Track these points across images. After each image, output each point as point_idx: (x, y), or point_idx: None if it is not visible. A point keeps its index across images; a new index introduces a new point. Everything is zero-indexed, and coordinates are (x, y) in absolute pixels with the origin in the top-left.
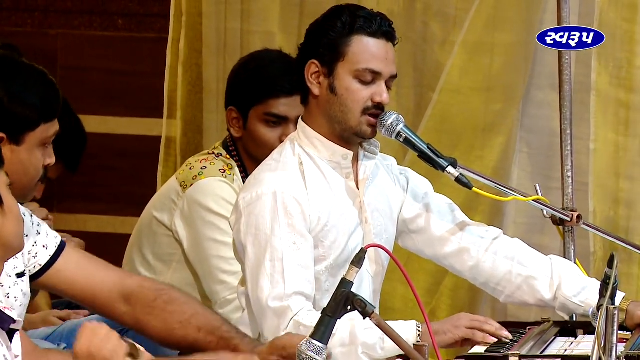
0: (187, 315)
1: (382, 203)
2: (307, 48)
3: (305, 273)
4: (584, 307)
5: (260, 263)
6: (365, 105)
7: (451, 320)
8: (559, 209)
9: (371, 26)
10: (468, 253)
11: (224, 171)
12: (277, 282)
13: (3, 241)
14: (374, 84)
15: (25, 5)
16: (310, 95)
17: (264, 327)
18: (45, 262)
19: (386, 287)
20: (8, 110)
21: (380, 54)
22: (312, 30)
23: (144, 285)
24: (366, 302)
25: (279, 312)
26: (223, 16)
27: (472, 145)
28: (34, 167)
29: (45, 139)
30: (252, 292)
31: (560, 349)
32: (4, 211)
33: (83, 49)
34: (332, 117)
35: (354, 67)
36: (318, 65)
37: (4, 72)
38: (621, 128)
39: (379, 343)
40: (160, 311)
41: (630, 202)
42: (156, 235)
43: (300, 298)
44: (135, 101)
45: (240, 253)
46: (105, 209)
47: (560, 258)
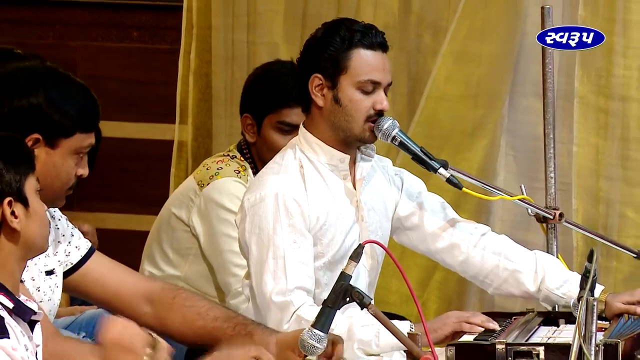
0: (204, 308)
1: (377, 202)
2: (309, 62)
3: (305, 269)
4: (566, 298)
5: (264, 260)
6: (368, 114)
7: (440, 318)
8: (543, 207)
9: (368, 39)
10: (458, 248)
11: (239, 172)
12: (279, 278)
13: (26, 240)
14: (374, 92)
15: (47, 19)
16: (314, 105)
17: (268, 320)
18: (76, 261)
19: (381, 281)
20: (45, 114)
21: (379, 65)
22: (311, 45)
23: (164, 287)
24: (363, 294)
25: (282, 306)
26: (230, 29)
27: (458, 147)
28: (65, 173)
29: (79, 149)
30: (257, 288)
31: (543, 337)
32: (29, 213)
33: (101, 60)
34: (336, 125)
35: (356, 79)
36: (321, 78)
37: (47, 80)
38: (601, 132)
39: (374, 340)
40: (180, 307)
41: (609, 201)
42: (174, 231)
43: (302, 293)
44: (149, 108)
45: (245, 250)
46: (122, 208)
47: (544, 253)
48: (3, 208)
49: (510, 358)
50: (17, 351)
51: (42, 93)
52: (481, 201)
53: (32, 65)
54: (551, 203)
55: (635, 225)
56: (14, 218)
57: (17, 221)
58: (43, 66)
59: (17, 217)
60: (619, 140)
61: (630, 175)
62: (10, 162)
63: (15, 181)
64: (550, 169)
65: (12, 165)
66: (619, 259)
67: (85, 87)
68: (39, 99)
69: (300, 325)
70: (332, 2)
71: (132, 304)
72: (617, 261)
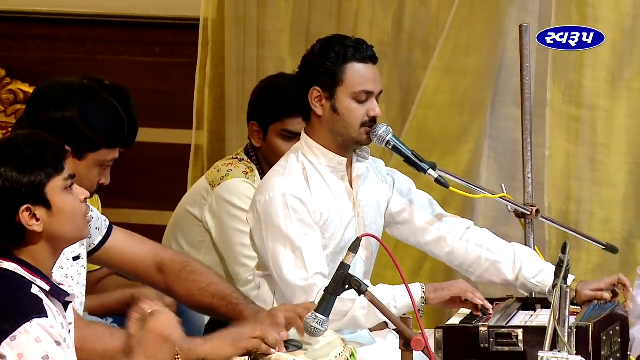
0: (205, 284)
1: (372, 200)
2: (307, 76)
3: (319, 256)
4: (541, 286)
5: (282, 254)
6: (363, 120)
7: (451, 282)
8: (521, 204)
9: (360, 54)
10: (445, 241)
11: (247, 173)
12: (300, 267)
13: (53, 237)
14: (368, 101)
15: (79, 36)
16: (313, 114)
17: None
18: (98, 242)
19: (376, 271)
20: (77, 129)
21: (370, 76)
22: (309, 61)
23: (174, 258)
24: (361, 282)
25: (307, 289)
26: (242, 45)
27: (445, 151)
28: (88, 181)
29: (103, 162)
30: (280, 279)
31: (521, 321)
32: (52, 213)
33: (126, 72)
34: (335, 132)
35: (351, 90)
36: (320, 91)
37: (82, 97)
38: (572, 138)
39: (392, 302)
40: (184, 280)
41: (578, 199)
42: (189, 226)
43: (321, 276)
44: (169, 115)
45: (258, 246)
46: (144, 205)
47: (522, 245)
48: (20, 216)
49: (492, 339)
50: (54, 328)
51: (76, 108)
52: (466, 199)
53: (71, 82)
54: (528, 200)
55: (602, 221)
56: (35, 221)
57: (37, 224)
58: (81, 84)
59: (38, 220)
60: (588, 145)
61: (598, 176)
62: (30, 168)
63: (34, 186)
64: (528, 170)
65: (32, 171)
66: (588, 252)
67: (116, 107)
68: (73, 113)
69: None
70: (333, 21)
71: (146, 271)
72: (587, 253)
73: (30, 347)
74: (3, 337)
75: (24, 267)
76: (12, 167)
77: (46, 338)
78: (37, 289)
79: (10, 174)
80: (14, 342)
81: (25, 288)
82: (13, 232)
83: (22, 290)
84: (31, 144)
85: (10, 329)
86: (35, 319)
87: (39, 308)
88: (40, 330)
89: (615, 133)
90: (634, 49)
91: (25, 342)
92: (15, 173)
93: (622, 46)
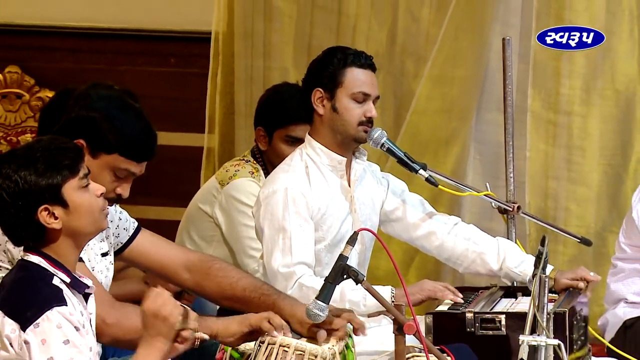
0: (235, 279)
1: (367, 198)
2: (311, 79)
3: (307, 248)
4: (522, 275)
5: (274, 240)
6: (360, 120)
7: (417, 284)
8: (504, 201)
9: (359, 60)
10: (434, 235)
11: (253, 173)
12: (286, 254)
13: (72, 233)
14: (365, 103)
15: (101, 48)
16: (316, 114)
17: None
18: (125, 241)
19: (372, 262)
20: (96, 125)
21: (368, 80)
22: (313, 66)
23: (202, 258)
24: (358, 272)
25: (287, 276)
26: (250, 56)
27: (435, 153)
28: (100, 182)
29: (115, 168)
30: (267, 263)
31: (504, 307)
32: (69, 211)
33: (144, 82)
34: (334, 129)
35: (350, 92)
36: (322, 91)
37: (115, 103)
38: (550, 141)
39: (361, 301)
40: (214, 277)
41: (556, 196)
42: (201, 221)
43: (303, 266)
44: (183, 120)
45: (259, 234)
46: (160, 202)
47: (504, 239)
48: (39, 215)
49: (477, 324)
50: (73, 316)
51: (104, 110)
52: (454, 196)
53: (113, 92)
54: (510, 198)
55: (577, 216)
56: (53, 220)
57: (56, 222)
58: (121, 96)
59: (57, 218)
60: (565, 147)
61: (573, 176)
62: (47, 171)
63: (51, 188)
64: (510, 170)
65: (48, 174)
66: (564, 244)
67: (147, 125)
68: (98, 112)
69: (302, 291)
70: (332, 35)
71: (174, 271)
72: (563, 246)
73: (52, 332)
74: (27, 325)
75: (48, 261)
76: (31, 171)
77: (66, 324)
78: (59, 281)
79: (29, 177)
80: (37, 328)
81: (47, 279)
82: (33, 230)
83: (44, 282)
84: (50, 149)
85: (34, 317)
86: (56, 307)
87: (59, 297)
88: (61, 318)
89: (590, 137)
90: (606, 60)
91: (47, 329)
92: (34, 176)
93: (596, 58)
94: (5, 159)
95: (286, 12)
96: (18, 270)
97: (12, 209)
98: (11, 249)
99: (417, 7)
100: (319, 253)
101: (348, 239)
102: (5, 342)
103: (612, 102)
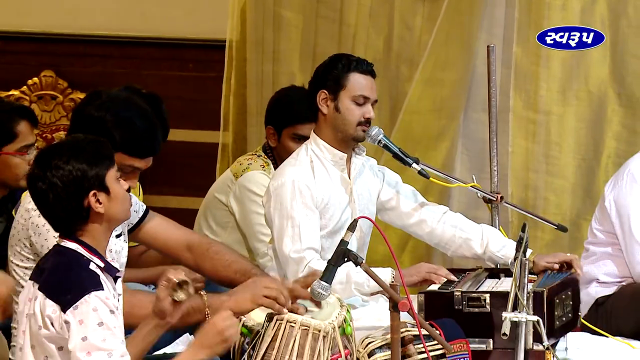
0: (229, 262)
1: (365, 190)
2: (317, 82)
3: (314, 235)
4: (504, 259)
5: (284, 228)
6: (359, 120)
7: (415, 267)
8: (488, 192)
9: (361, 66)
10: (425, 223)
11: (264, 166)
12: (296, 241)
13: (110, 218)
14: (364, 105)
15: (127, 54)
16: (320, 113)
17: (288, 272)
18: (136, 222)
19: (371, 246)
20: (105, 123)
21: (368, 85)
22: (320, 70)
23: (202, 240)
24: (357, 255)
25: (298, 260)
26: (260, 62)
27: (426, 148)
28: None
29: (121, 165)
30: (279, 249)
31: (489, 287)
32: (110, 198)
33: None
34: (336, 128)
35: (351, 94)
36: (326, 93)
37: (124, 104)
38: (530, 137)
39: (366, 282)
40: (210, 259)
41: (535, 188)
42: (217, 209)
43: (312, 251)
44: (200, 119)
45: (269, 222)
46: (181, 192)
47: (488, 226)
48: (89, 199)
49: (464, 302)
50: (109, 300)
51: (113, 111)
52: (443, 187)
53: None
54: (494, 189)
55: (555, 205)
56: (98, 204)
57: (100, 207)
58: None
59: (101, 203)
60: (544, 143)
61: (551, 169)
62: (94, 161)
63: (98, 176)
64: (494, 164)
65: (95, 164)
66: (543, 230)
67: (150, 124)
68: (108, 112)
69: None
70: (334, 43)
71: (177, 250)
72: (542, 232)
73: (89, 314)
74: (68, 307)
75: (84, 247)
76: (81, 161)
77: (102, 307)
78: (94, 266)
79: (80, 166)
80: (76, 310)
81: (84, 265)
82: (83, 214)
83: (82, 267)
84: (92, 142)
85: (74, 300)
86: (94, 292)
87: (96, 282)
88: (98, 301)
89: (566, 134)
90: (580, 65)
91: (85, 311)
92: (85, 165)
93: (571, 63)
94: (51, 154)
95: (293, 22)
96: (56, 255)
97: (65, 194)
98: (35, 242)
99: (411, 17)
100: (321, 239)
101: (348, 226)
102: (46, 321)
103: (585, 102)
